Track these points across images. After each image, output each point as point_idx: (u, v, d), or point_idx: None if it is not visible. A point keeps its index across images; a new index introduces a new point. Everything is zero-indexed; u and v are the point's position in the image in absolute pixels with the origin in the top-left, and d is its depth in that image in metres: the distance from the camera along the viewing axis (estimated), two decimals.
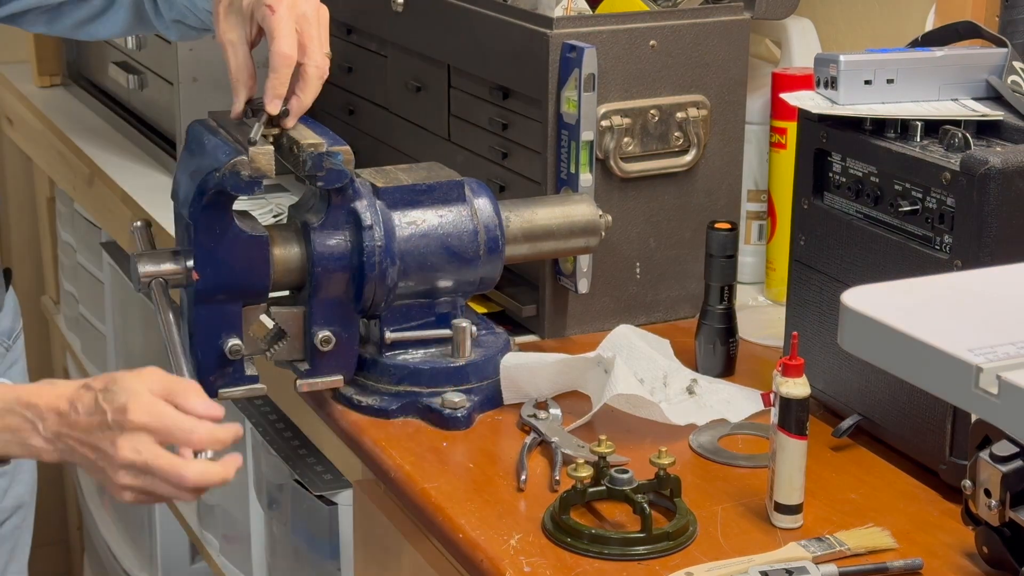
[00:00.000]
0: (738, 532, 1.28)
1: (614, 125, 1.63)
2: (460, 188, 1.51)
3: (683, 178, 1.70)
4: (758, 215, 1.82)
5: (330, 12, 1.45)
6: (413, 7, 1.85)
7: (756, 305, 1.79)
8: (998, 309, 0.93)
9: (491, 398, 1.49)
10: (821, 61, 1.43)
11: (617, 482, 1.28)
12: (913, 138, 1.36)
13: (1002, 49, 1.45)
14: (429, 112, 1.88)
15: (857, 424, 1.41)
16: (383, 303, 1.47)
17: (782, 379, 1.26)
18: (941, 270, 1.29)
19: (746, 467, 1.39)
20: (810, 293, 1.46)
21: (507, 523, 1.29)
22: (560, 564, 1.22)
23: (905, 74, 1.42)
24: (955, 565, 1.23)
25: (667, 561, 1.23)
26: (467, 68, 1.77)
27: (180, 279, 1.43)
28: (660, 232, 1.71)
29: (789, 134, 1.70)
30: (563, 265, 1.65)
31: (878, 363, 0.91)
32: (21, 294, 1.90)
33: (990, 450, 1.16)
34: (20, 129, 2.88)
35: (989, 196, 1.25)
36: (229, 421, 1.26)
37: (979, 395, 0.83)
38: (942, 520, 1.29)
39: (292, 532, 1.80)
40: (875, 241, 1.38)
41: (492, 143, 1.73)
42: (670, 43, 1.65)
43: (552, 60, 1.59)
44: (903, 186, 1.35)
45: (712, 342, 1.58)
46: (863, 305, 0.92)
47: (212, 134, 1.44)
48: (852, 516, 1.29)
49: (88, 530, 2.89)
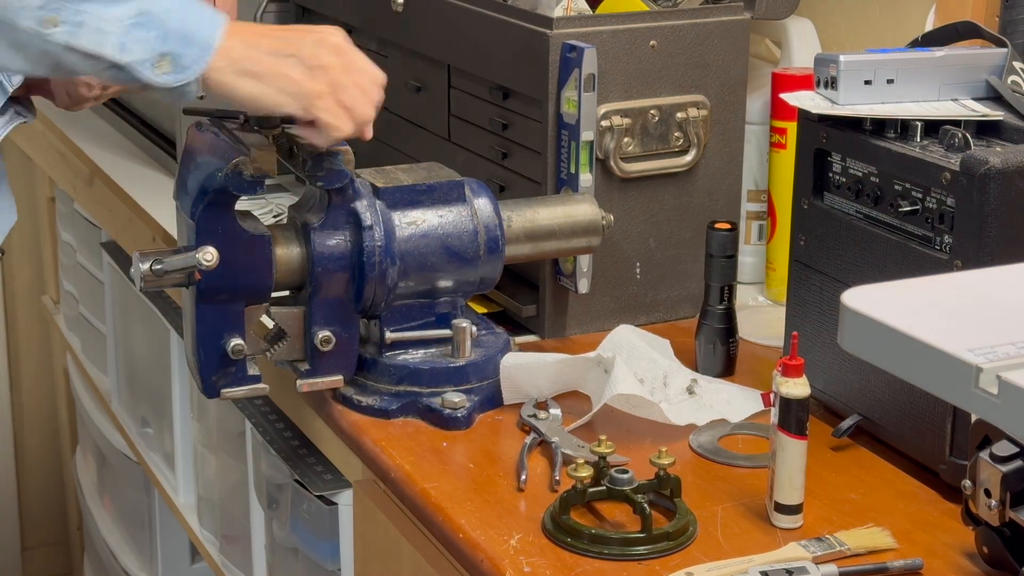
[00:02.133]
0: (738, 532, 1.28)
1: (614, 125, 1.63)
2: (460, 188, 1.51)
3: (683, 178, 1.70)
4: (758, 215, 1.82)
5: (330, 12, 1.46)
6: (413, 7, 1.85)
7: (756, 305, 1.79)
8: (998, 309, 0.93)
9: (491, 398, 1.49)
10: (821, 61, 1.43)
11: (617, 482, 1.28)
12: (913, 138, 1.36)
13: (1002, 49, 1.45)
14: (429, 112, 1.88)
15: (857, 424, 1.41)
16: (383, 303, 1.47)
17: (782, 379, 1.26)
18: (941, 270, 1.29)
19: (746, 467, 1.39)
20: (810, 293, 1.46)
21: (507, 523, 1.29)
22: (560, 564, 1.23)
23: (905, 74, 1.42)
24: (955, 565, 1.23)
25: (667, 561, 1.23)
26: (467, 68, 1.77)
27: (182, 279, 1.43)
28: (660, 232, 1.71)
29: (789, 134, 1.70)
30: (563, 265, 1.65)
31: (878, 363, 0.91)
32: (21, 294, 1.90)
33: (990, 450, 1.16)
34: (20, 129, 2.87)
35: (989, 196, 1.25)
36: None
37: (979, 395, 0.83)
38: (942, 520, 1.29)
39: (292, 532, 1.80)
40: (875, 241, 1.38)
41: (492, 143, 1.73)
42: (670, 43, 1.65)
43: (552, 60, 1.59)
44: (903, 186, 1.35)
45: (712, 342, 1.58)
46: (863, 305, 0.92)
47: (213, 134, 1.44)
48: (852, 516, 1.29)
49: (88, 530, 2.89)
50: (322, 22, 2.18)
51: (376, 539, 1.50)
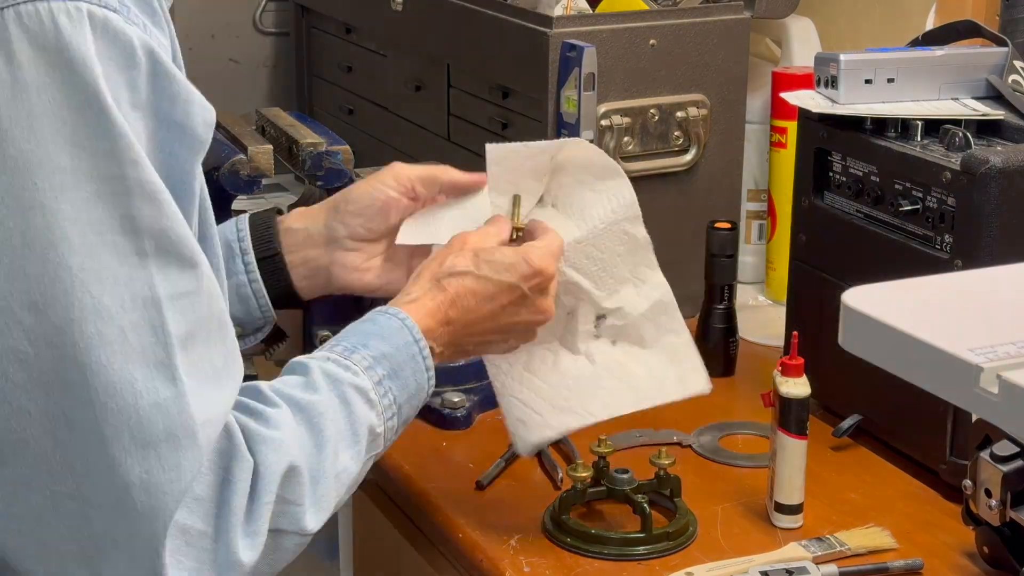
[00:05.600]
0: (738, 532, 1.27)
1: (614, 124, 1.63)
2: None
3: (683, 178, 1.70)
4: (758, 215, 1.82)
5: (330, 12, 1.45)
6: (413, 7, 1.85)
7: (756, 305, 1.79)
8: (998, 309, 0.93)
9: (491, 398, 1.48)
10: (821, 60, 1.43)
11: (617, 482, 1.28)
12: (913, 137, 1.36)
13: (1003, 48, 1.44)
14: (429, 112, 1.88)
15: (857, 424, 1.41)
16: (383, 303, 1.47)
17: (782, 379, 1.26)
18: (941, 270, 1.29)
19: (746, 467, 1.38)
20: (810, 293, 1.46)
21: (507, 523, 1.28)
22: (560, 564, 1.22)
23: (905, 73, 1.41)
24: (955, 565, 1.22)
25: (667, 561, 1.22)
26: (467, 68, 1.77)
27: None
28: (660, 232, 1.70)
29: (789, 133, 1.70)
30: None
31: (878, 363, 0.91)
32: None
33: (991, 450, 1.16)
34: None
35: (990, 196, 1.25)
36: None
37: (980, 395, 0.83)
38: (942, 520, 1.29)
39: None
40: (875, 241, 1.37)
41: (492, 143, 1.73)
42: (670, 42, 1.65)
43: (552, 59, 1.59)
44: (903, 185, 1.34)
45: (712, 342, 1.57)
46: (863, 305, 0.92)
47: None
48: (852, 516, 1.29)
49: None
50: (322, 21, 2.19)
51: (375, 539, 1.50)
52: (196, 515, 0.96)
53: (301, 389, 1.07)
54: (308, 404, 1.06)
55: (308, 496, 1.03)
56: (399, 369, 1.13)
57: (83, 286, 0.91)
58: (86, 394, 0.92)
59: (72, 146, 0.91)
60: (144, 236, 0.93)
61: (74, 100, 0.91)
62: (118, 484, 0.93)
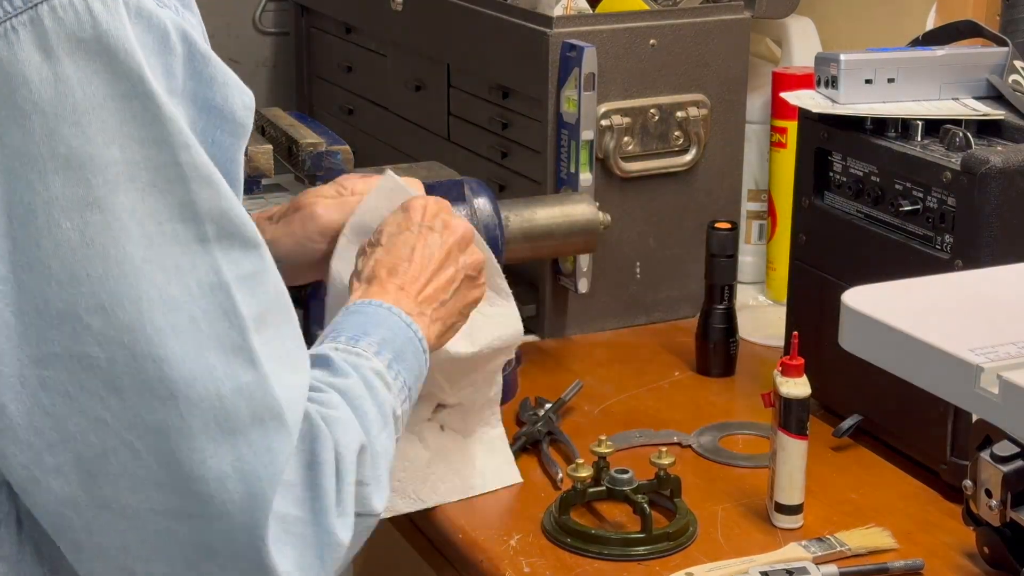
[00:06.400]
0: (738, 532, 1.27)
1: (614, 124, 1.63)
2: (460, 187, 1.51)
3: (683, 178, 1.70)
4: (758, 215, 1.82)
5: (330, 12, 1.45)
6: (413, 7, 1.85)
7: (756, 305, 1.79)
8: (999, 309, 0.93)
9: None
10: (822, 60, 1.43)
11: (617, 482, 1.28)
12: (914, 137, 1.36)
13: (1003, 48, 1.44)
14: (429, 111, 1.88)
15: (857, 424, 1.41)
16: None
17: (782, 379, 1.26)
18: (941, 270, 1.28)
19: (746, 467, 1.38)
20: (810, 293, 1.46)
21: (507, 523, 1.28)
22: (560, 564, 1.22)
23: (906, 73, 1.41)
24: (956, 565, 1.22)
25: (667, 561, 1.22)
26: (467, 67, 1.77)
27: None
28: (660, 232, 1.70)
29: (789, 133, 1.70)
30: (563, 265, 1.65)
31: (878, 363, 0.91)
32: None
33: (991, 450, 1.16)
34: None
35: (990, 196, 1.25)
36: None
37: (980, 395, 0.83)
38: (943, 520, 1.29)
39: None
40: (875, 241, 1.37)
41: (492, 143, 1.73)
42: (670, 42, 1.65)
43: (552, 59, 1.59)
44: (904, 185, 1.34)
45: (712, 342, 1.57)
46: (863, 305, 0.92)
47: None
48: (852, 516, 1.29)
49: None
50: (322, 21, 2.19)
51: (375, 539, 1.50)
52: (289, 501, 0.94)
53: (332, 375, 1.05)
54: (345, 388, 1.03)
55: (372, 476, 1.01)
56: (402, 352, 1.11)
57: (149, 279, 0.88)
58: (165, 389, 0.89)
59: (122, 137, 0.88)
60: (204, 221, 0.91)
61: (118, 90, 0.88)
62: (211, 479, 0.90)
